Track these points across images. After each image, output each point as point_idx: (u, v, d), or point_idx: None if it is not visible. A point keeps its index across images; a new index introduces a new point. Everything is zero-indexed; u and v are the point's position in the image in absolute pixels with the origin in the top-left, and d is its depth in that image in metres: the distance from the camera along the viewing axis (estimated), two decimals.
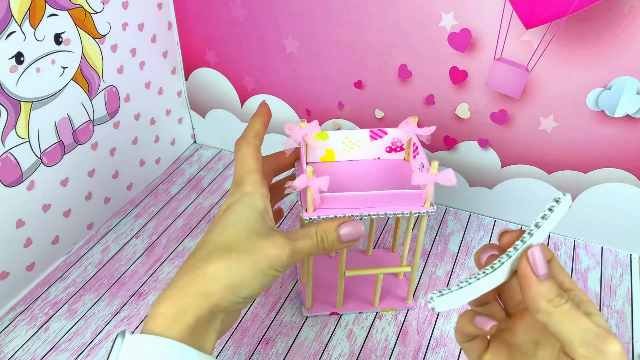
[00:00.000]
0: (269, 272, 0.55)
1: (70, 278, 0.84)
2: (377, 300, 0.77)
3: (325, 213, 0.64)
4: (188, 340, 0.51)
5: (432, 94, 0.86)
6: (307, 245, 0.58)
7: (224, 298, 0.53)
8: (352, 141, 0.72)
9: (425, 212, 0.66)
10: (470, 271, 0.84)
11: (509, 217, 0.93)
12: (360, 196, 0.64)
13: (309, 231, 0.59)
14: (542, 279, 0.45)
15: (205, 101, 1.06)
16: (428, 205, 0.66)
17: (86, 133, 0.85)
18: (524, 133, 0.84)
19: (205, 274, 0.53)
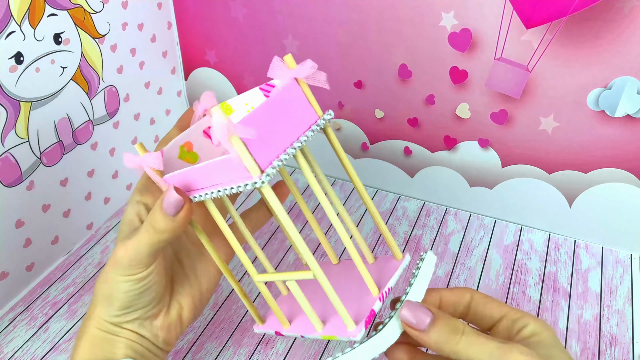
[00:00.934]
0: (120, 279, 0.55)
1: (70, 278, 0.83)
2: (318, 323, 0.55)
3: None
4: (88, 355, 0.57)
5: (432, 94, 0.86)
6: (137, 239, 0.54)
7: (100, 315, 0.57)
8: (253, 106, 0.59)
9: (255, 183, 0.46)
10: (471, 272, 0.84)
11: (509, 217, 0.93)
12: (184, 173, 0.52)
13: (144, 222, 0.55)
14: (428, 329, 0.49)
15: None
16: (254, 172, 0.46)
17: (86, 133, 0.85)
18: (524, 133, 0.84)
19: (93, 294, 0.58)
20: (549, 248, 0.88)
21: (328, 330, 0.54)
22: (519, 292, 0.81)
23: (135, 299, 0.56)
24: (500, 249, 0.88)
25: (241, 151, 0.45)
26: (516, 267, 0.85)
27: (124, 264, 0.54)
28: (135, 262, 0.54)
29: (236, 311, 0.79)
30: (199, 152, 0.59)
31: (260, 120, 0.48)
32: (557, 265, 0.86)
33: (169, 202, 0.52)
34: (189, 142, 0.59)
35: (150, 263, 0.55)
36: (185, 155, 0.58)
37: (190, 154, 0.59)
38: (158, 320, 0.59)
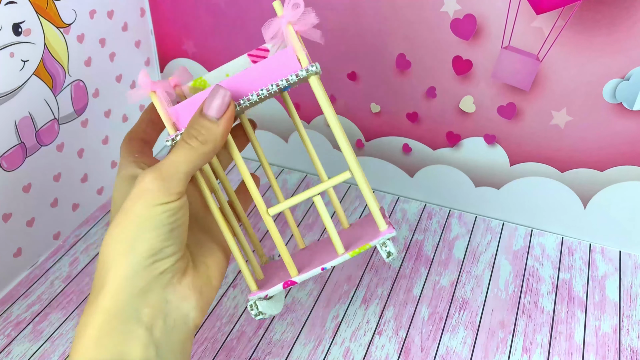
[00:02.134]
0: (152, 211, 0.50)
1: (35, 295, 0.82)
2: (339, 243, 0.59)
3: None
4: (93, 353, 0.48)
5: (433, 86, 0.86)
6: (175, 154, 0.52)
7: (120, 275, 0.50)
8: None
9: (305, 72, 0.54)
10: (477, 280, 0.84)
11: (518, 219, 0.93)
12: (222, 84, 0.54)
13: (177, 143, 0.53)
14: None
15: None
16: (305, 62, 0.54)
17: (51, 133, 0.84)
18: (534, 128, 0.84)
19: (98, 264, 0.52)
20: (562, 253, 0.88)
21: (356, 245, 0.58)
22: (530, 303, 0.81)
23: (166, 239, 0.51)
24: (510, 255, 0.88)
25: (296, 41, 0.53)
26: (527, 274, 0.85)
27: (156, 189, 0.50)
28: (172, 185, 0.50)
29: (220, 329, 0.78)
30: None
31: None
32: (571, 271, 0.85)
33: (215, 102, 0.52)
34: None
35: (184, 191, 0.52)
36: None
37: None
38: (187, 276, 0.54)
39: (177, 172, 0.51)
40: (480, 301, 0.81)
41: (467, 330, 0.77)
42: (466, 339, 0.76)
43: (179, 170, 0.51)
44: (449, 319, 0.79)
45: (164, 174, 0.51)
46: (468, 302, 0.81)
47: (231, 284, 0.83)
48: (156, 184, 0.50)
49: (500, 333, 0.77)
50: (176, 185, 0.51)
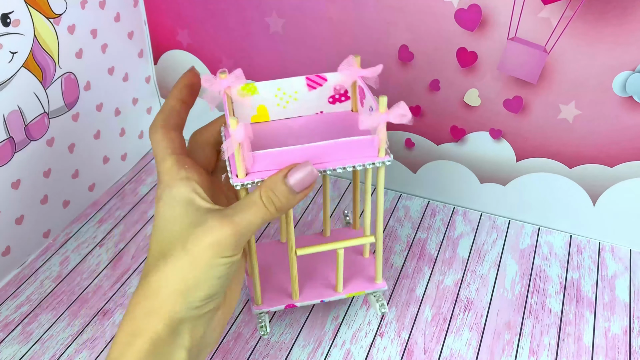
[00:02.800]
0: (217, 261, 0.54)
1: (24, 295, 0.82)
2: (341, 283, 0.72)
3: (261, 176, 0.59)
4: None
5: (436, 79, 0.86)
6: (253, 215, 0.56)
7: (174, 309, 0.54)
8: (287, 93, 0.67)
9: (381, 162, 0.62)
10: (483, 280, 0.84)
11: (525, 216, 0.93)
12: (300, 150, 0.59)
13: (251, 197, 0.57)
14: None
15: None
16: (383, 154, 0.62)
17: (40, 127, 0.83)
18: (541, 122, 0.83)
19: (149, 288, 0.54)
20: (570, 252, 0.88)
21: (353, 289, 0.73)
22: (538, 303, 0.81)
23: (223, 286, 0.56)
24: (516, 254, 0.88)
25: (384, 136, 0.59)
26: (534, 274, 0.85)
27: (231, 244, 0.54)
28: (243, 241, 0.55)
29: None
30: None
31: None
32: (580, 271, 0.85)
33: (301, 176, 0.57)
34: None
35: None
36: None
37: None
38: (219, 311, 0.59)
39: (250, 232, 0.56)
40: (486, 302, 0.81)
41: (472, 332, 0.77)
42: (471, 340, 0.76)
43: (252, 230, 0.56)
44: (453, 320, 0.79)
45: (240, 232, 0.54)
46: (473, 302, 0.81)
47: None
48: (231, 240, 0.54)
49: (507, 335, 0.77)
50: (245, 241, 0.56)
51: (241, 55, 0.96)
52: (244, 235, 0.55)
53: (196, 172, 0.59)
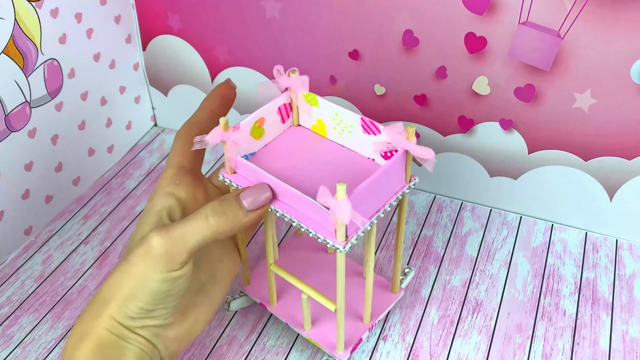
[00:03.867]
0: (153, 276, 0.56)
1: (4, 296, 0.82)
2: (309, 323, 0.73)
3: (242, 182, 0.65)
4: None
5: (443, 66, 0.86)
6: (192, 227, 0.57)
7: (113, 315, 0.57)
8: (344, 122, 0.70)
9: (336, 247, 0.61)
10: (493, 280, 0.84)
11: (538, 212, 0.93)
12: (278, 185, 0.63)
13: (199, 211, 0.59)
14: None
15: (168, 76, 1.05)
16: (341, 238, 0.60)
17: (22, 117, 0.83)
18: (555, 112, 0.83)
19: (100, 291, 0.58)
20: (585, 250, 0.88)
21: (316, 336, 0.73)
22: (551, 304, 0.81)
23: (162, 302, 0.57)
24: (528, 252, 0.88)
25: (341, 224, 0.59)
26: (547, 273, 0.85)
27: (164, 257, 0.55)
28: (177, 255, 0.56)
29: (209, 333, 0.78)
30: (267, 128, 0.70)
31: (367, 190, 0.61)
32: (596, 270, 0.85)
33: (254, 196, 0.60)
34: (263, 118, 0.69)
35: (188, 261, 0.57)
36: (255, 131, 0.69)
37: (259, 130, 0.69)
38: (172, 330, 0.61)
39: (186, 243, 0.56)
40: (496, 303, 0.81)
41: (481, 335, 0.77)
42: (480, 344, 0.76)
43: (188, 242, 0.56)
44: (461, 323, 0.79)
45: (172, 242, 0.56)
46: (482, 304, 0.81)
47: None
48: (161, 250, 0.55)
49: (518, 338, 0.77)
50: (180, 256, 0.56)
51: (236, 42, 0.96)
52: (179, 246, 0.56)
53: (186, 190, 0.63)
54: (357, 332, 0.73)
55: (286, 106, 0.71)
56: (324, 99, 0.70)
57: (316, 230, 0.61)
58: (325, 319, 0.74)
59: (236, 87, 0.72)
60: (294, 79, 0.69)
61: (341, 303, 0.67)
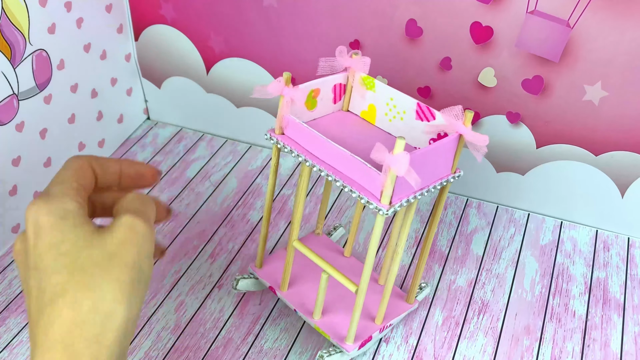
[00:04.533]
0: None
1: None
2: (319, 311, 0.74)
3: (289, 143, 0.68)
4: None
5: (448, 57, 0.86)
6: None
7: None
8: (397, 107, 0.71)
9: (376, 207, 0.62)
10: (499, 279, 0.84)
11: (546, 209, 0.93)
12: (327, 146, 0.64)
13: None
14: None
15: (161, 67, 1.05)
16: (385, 200, 0.61)
17: (9, 111, 0.83)
18: (564, 105, 0.83)
19: None
20: (596, 248, 0.88)
21: (325, 326, 0.74)
22: (560, 305, 0.81)
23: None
24: (536, 250, 0.88)
25: (389, 182, 0.60)
26: (556, 273, 0.85)
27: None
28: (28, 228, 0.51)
29: (204, 335, 0.77)
30: (320, 101, 0.72)
31: (418, 159, 0.61)
32: (607, 270, 0.85)
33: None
34: (318, 90, 0.71)
35: None
36: (309, 99, 0.71)
37: (313, 101, 0.72)
38: None
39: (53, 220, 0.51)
40: (503, 304, 0.81)
41: (487, 337, 0.77)
42: (486, 346, 0.76)
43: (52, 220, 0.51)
44: (467, 324, 0.79)
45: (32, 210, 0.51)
46: (488, 304, 0.81)
47: (216, 284, 0.83)
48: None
49: (526, 340, 0.77)
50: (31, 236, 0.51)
51: (232, 31, 0.96)
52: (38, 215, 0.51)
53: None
54: (368, 330, 0.73)
55: (341, 86, 0.73)
56: (381, 82, 0.71)
57: (360, 192, 0.62)
58: (334, 311, 0.75)
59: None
60: (355, 59, 0.71)
61: (365, 281, 0.68)
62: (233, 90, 1.01)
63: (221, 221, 0.92)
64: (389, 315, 0.75)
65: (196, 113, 1.07)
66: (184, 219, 0.92)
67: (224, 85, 1.02)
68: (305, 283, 0.78)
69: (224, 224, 0.92)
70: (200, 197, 0.96)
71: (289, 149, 0.67)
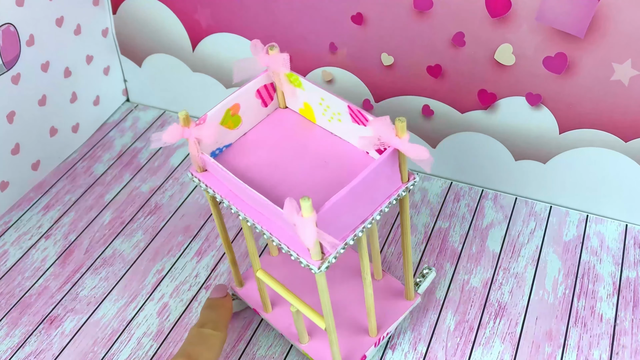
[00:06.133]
0: None
1: None
2: (305, 336, 0.74)
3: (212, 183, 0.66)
4: None
5: (461, 32, 0.85)
6: None
7: None
8: (331, 108, 0.69)
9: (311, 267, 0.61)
10: (518, 280, 0.84)
11: (570, 201, 0.93)
12: (247, 191, 0.61)
13: None
14: None
15: (142, 43, 1.06)
16: (316, 256, 0.60)
17: None
18: (590, 86, 0.83)
19: None
20: (625, 245, 0.88)
21: (313, 351, 0.73)
22: (585, 308, 0.81)
23: None
24: (559, 247, 0.88)
25: (315, 244, 0.58)
26: (581, 272, 0.85)
27: None
28: None
29: None
30: (243, 115, 0.70)
31: (341, 204, 0.59)
32: (637, 269, 0.85)
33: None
34: (237, 105, 0.69)
35: None
36: (229, 119, 0.69)
37: (234, 118, 0.69)
38: None
39: None
40: (522, 306, 0.81)
41: (505, 344, 0.77)
42: (503, 354, 0.76)
43: None
44: (482, 329, 0.79)
45: None
46: (506, 307, 0.81)
47: (203, 285, 0.83)
48: None
49: (547, 347, 0.77)
50: None
51: (221, 4, 0.96)
52: None
53: None
54: (361, 348, 0.73)
55: (267, 88, 0.71)
56: (308, 81, 0.69)
57: (289, 246, 0.60)
58: (322, 333, 0.74)
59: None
60: (272, 56, 0.68)
61: (330, 324, 0.66)
62: (222, 69, 1.01)
63: (208, 215, 0.92)
64: (385, 323, 0.74)
65: (181, 94, 1.07)
66: (167, 212, 0.92)
67: (212, 64, 1.02)
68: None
69: (212, 218, 0.91)
70: (185, 187, 0.96)
71: (212, 191, 0.65)
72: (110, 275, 0.84)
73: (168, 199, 0.94)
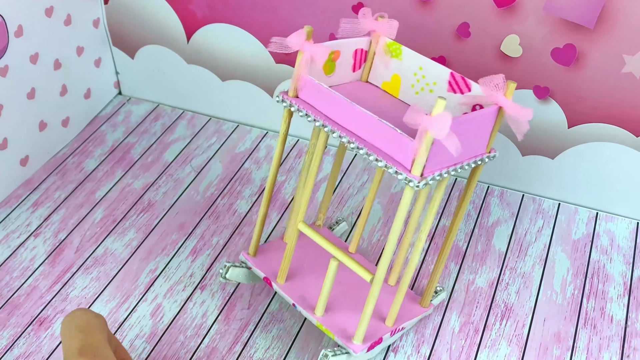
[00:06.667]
0: None
1: None
2: (323, 305, 0.74)
3: (303, 107, 0.69)
4: None
5: (466, 22, 0.86)
6: None
7: None
8: (426, 78, 0.71)
9: (405, 179, 0.62)
10: (525, 280, 0.84)
11: (579, 198, 0.93)
12: (350, 109, 0.64)
13: None
14: None
15: (135, 34, 1.05)
16: (417, 171, 0.61)
17: None
18: (600, 78, 0.83)
19: None
20: (637, 243, 0.88)
21: (329, 323, 0.73)
22: (595, 309, 0.81)
23: None
24: (568, 246, 0.88)
25: (424, 149, 0.60)
26: (591, 271, 0.85)
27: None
28: None
29: (184, 344, 0.77)
30: (338, 66, 0.73)
31: (456, 127, 0.60)
32: None
33: None
34: (339, 52, 0.72)
35: None
36: (328, 62, 0.71)
37: (331, 64, 0.72)
38: None
39: None
40: (529, 307, 0.81)
41: (512, 346, 0.77)
42: (510, 357, 0.76)
43: None
44: (487, 331, 0.79)
45: None
46: (512, 308, 0.81)
47: (198, 285, 0.83)
48: None
49: (555, 349, 0.77)
50: None
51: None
52: None
53: None
54: (378, 331, 0.73)
55: (362, 53, 0.73)
56: (410, 50, 0.71)
57: (387, 162, 0.62)
58: (339, 307, 0.75)
59: None
60: (381, 22, 0.71)
61: (384, 267, 0.67)
62: (218, 61, 1.01)
63: (204, 212, 0.92)
64: (402, 317, 0.75)
65: (175, 87, 1.07)
66: (161, 209, 0.92)
67: (207, 56, 1.02)
68: (305, 276, 0.78)
69: (207, 215, 0.92)
70: (180, 184, 0.96)
71: (304, 112, 0.67)
72: (102, 275, 0.84)
73: (162, 195, 0.94)
